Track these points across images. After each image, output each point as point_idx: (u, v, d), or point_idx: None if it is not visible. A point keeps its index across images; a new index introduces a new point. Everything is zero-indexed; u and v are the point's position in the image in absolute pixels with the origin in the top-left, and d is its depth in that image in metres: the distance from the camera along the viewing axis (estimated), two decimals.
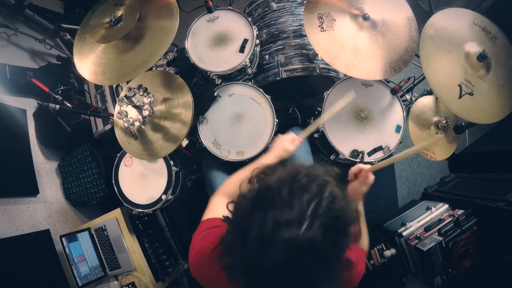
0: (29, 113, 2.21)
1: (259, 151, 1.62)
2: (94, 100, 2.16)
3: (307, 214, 0.62)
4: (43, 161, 2.22)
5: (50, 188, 2.19)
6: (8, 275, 1.68)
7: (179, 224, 2.40)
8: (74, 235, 1.91)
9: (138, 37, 1.44)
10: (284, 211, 0.62)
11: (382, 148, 1.61)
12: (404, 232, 1.85)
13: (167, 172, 1.74)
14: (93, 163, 2.18)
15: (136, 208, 1.77)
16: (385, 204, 2.41)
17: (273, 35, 1.79)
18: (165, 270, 2.03)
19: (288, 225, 0.61)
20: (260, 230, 0.62)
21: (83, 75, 1.48)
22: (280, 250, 0.60)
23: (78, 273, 1.82)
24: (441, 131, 1.64)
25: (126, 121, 1.47)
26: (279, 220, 0.61)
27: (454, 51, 1.41)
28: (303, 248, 0.60)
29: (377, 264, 1.84)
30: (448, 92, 1.37)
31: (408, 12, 1.52)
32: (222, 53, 1.70)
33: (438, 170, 2.53)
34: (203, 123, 1.68)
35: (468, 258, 1.70)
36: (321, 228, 0.61)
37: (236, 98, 1.69)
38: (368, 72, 1.44)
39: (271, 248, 0.61)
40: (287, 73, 1.75)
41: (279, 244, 0.60)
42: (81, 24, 1.60)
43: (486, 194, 1.84)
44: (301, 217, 0.61)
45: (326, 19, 1.47)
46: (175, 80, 1.55)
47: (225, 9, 1.75)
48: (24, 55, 2.31)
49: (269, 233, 0.61)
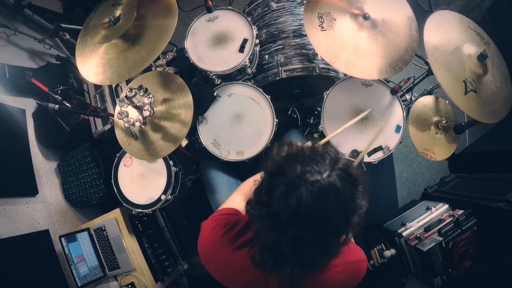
0: (28, 113, 2.20)
1: (259, 151, 1.62)
2: (94, 100, 2.15)
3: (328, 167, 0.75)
4: (42, 161, 2.21)
5: (50, 188, 2.19)
6: (7, 276, 1.67)
7: (178, 224, 2.40)
8: (73, 235, 1.90)
9: (137, 36, 1.44)
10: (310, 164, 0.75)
11: (382, 148, 1.60)
12: (404, 232, 1.85)
13: (167, 172, 1.73)
14: (93, 163, 2.18)
15: (135, 208, 1.76)
16: (385, 204, 2.41)
17: (272, 35, 1.79)
18: (165, 270, 2.02)
19: (313, 172, 0.73)
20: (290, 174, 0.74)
21: (86, 77, 1.49)
22: (305, 191, 0.71)
23: (78, 273, 1.81)
24: (441, 131, 1.64)
25: (126, 121, 1.47)
26: (306, 169, 0.74)
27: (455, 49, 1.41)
28: (325, 191, 0.71)
29: (377, 264, 1.84)
30: (454, 88, 1.37)
31: (408, 12, 1.52)
32: (221, 53, 1.70)
33: (438, 170, 2.53)
34: (203, 123, 1.68)
35: (468, 258, 1.70)
36: (339, 178, 0.74)
37: (235, 98, 1.69)
38: (368, 72, 1.44)
39: (297, 189, 0.71)
40: (286, 73, 1.74)
41: (304, 186, 0.71)
42: (83, 26, 1.60)
43: (486, 194, 1.84)
44: (324, 168, 0.74)
45: (326, 18, 1.47)
46: (176, 81, 1.55)
47: (225, 8, 1.75)
48: (23, 55, 2.30)
49: (297, 177, 0.73)
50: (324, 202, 0.71)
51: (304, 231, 0.72)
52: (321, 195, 0.71)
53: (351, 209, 0.76)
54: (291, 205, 0.71)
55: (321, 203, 0.71)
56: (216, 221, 0.95)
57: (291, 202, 0.71)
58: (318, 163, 0.75)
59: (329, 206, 0.72)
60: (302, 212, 0.70)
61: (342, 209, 0.74)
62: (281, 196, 0.73)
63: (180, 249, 2.27)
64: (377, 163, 1.64)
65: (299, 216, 0.71)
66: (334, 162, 0.77)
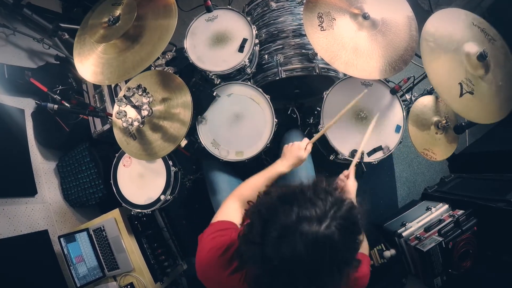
0: (27, 113, 2.20)
1: (258, 151, 1.61)
2: (93, 100, 2.15)
3: (328, 214, 0.69)
4: (41, 161, 2.21)
5: (49, 188, 2.18)
6: (6, 276, 1.67)
7: (178, 225, 2.39)
8: (72, 236, 1.90)
9: (137, 36, 1.44)
10: (308, 208, 0.69)
11: (382, 148, 1.60)
12: (404, 232, 1.84)
13: (166, 172, 1.73)
14: (92, 163, 2.17)
15: (134, 208, 1.76)
16: (385, 205, 2.41)
17: (272, 35, 1.78)
18: (164, 270, 2.02)
19: (310, 221, 0.67)
20: (284, 220, 0.69)
21: (84, 77, 1.48)
22: (299, 241, 0.66)
23: (77, 273, 1.81)
24: (441, 131, 1.63)
25: (125, 121, 1.46)
26: (303, 215, 0.68)
27: (454, 50, 1.41)
28: (321, 244, 0.66)
29: (377, 265, 1.83)
30: (449, 90, 1.36)
31: (408, 11, 1.52)
32: (221, 52, 1.69)
33: (438, 170, 2.53)
34: (202, 123, 1.68)
35: (468, 259, 1.69)
36: (339, 229, 0.68)
37: (235, 98, 1.68)
38: (368, 72, 1.43)
39: (291, 238, 0.67)
40: (286, 73, 1.74)
41: (299, 236, 0.66)
42: (81, 26, 1.59)
43: (486, 194, 1.83)
44: (323, 216, 0.68)
45: (326, 18, 1.47)
46: (174, 80, 1.54)
47: (224, 8, 1.75)
48: (22, 55, 2.30)
49: (292, 224, 0.68)
50: (319, 254, 0.67)
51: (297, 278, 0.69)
52: (315, 249, 0.67)
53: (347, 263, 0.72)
54: (284, 254, 0.67)
55: (316, 255, 0.67)
56: (212, 240, 0.92)
57: (284, 251, 0.67)
58: (317, 208, 0.69)
59: (324, 260, 0.68)
60: (295, 262, 0.67)
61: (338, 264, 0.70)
62: (274, 242, 0.69)
63: (180, 249, 2.27)
64: (377, 163, 1.63)
65: (291, 265, 0.68)
66: (337, 208, 0.71)
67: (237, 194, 1.14)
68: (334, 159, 1.68)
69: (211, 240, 0.93)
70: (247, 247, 0.76)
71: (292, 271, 0.68)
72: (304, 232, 0.66)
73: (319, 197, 0.72)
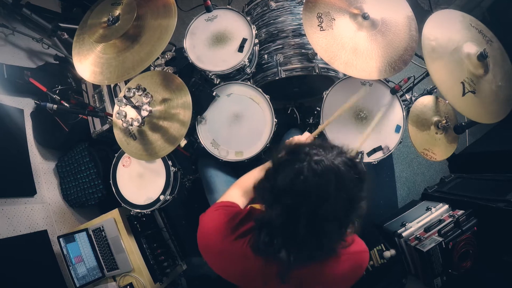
0: (27, 113, 2.19)
1: (258, 151, 1.61)
2: (92, 100, 2.14)
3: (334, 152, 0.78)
4: (40, 161, 2.21)
5: (48, 188, 2.18)
6: (5, 276, 1.66)
7: (177, 225, 2.39)
8: (71, 236, 1.89)
9: (136, 35, 1.44)
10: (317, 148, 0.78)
11: (382, 148, 1.60)
12: (404, 232, 1.84)
13: (165, 172, 1.73)
14: (91, 163, 2.17)
15: (134, 208, 1.76)
16: (385, 205, 2.41)
17: (272, 35, 1.78)
18: (163, 271, 2.01)
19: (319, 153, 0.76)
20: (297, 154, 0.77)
21: (83, 76, 1.47)
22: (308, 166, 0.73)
23: (76, 274, 1.80)
24: (441, 131, 1.63)
25: (125, 121, 1.46)
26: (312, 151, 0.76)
27: (455, 49, 1.41)
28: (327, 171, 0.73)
29: (376, 265, 1.83)
30: (451, 89, 1.37)
31: (408, 11, 1.51)
32: (220, 52, 1.69)
33: (438, 170, 2.52)
34: (202, 123, 1.67)
35: (468, 259, 1.69)
36: (344, 164, 0.75)
37: (234, 97, 1.68)
38: (367, 72, 1.43)
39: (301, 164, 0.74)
40: (286, 73, 1.74)
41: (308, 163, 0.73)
42: (79, 25, 1.59)
43: (486, 194, 1.83)
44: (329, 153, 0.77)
45: (326, 18, 1.46)
46: (174, 81, 1.54)
47: (224, 8, 1.74)
48: (21, 55, 2.29)
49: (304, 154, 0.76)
50: (323, 179, 0.72)
51: (300, 205, 0.73)
52: (322, 173, 0.72)
53: (351, 198, 0.76)
54: (290, 177, 0.73)
55: (321, 180, 0.72)
56: (218, 210, 0.96)
57: (291, 174, 0.73)
58: (326, 149, 0.78)
59: (329, 185, 0.72)
60: (300, 184, 0.72)
61: (342, 194, 0.74)
62: (284, 169, 0.76)
63: (179, 250, 2.26)
64: (377, 163, 1.63)
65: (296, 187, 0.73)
66: (342, 152, 0.79)
67: (239, 183, 1.15)
68: None
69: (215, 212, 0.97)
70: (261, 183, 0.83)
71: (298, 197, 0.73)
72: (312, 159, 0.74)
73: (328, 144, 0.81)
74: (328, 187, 0.72)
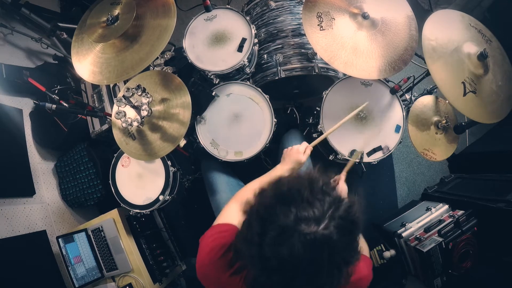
0: (26, 112, 2.19)
1: (257, 151, 1.61)
2: (91, 100, 2.14)
3: (327, 214, 0.69)
4: (39, 161, 2.20)
5: (47, 188, 2.18)
6: (4, 277, 1.66)
7: (176, 225, 2.39)
8: (70, 236, 1.89)
9: (136, 35, 1.43)
10: (306, 209, 0.69)
11: (382, 148, 1.60)
12: (403, 233, 1.83)
13: (165, 172, 1.72)
14: (90, 163, 2.17)
15: (133, 208, 1.75)
16: (385, 205, 2.40)
17: (271, 34, 1.78)
18: (163, 271, 2.01)
19: (308, 221, 0.67)
20: (282, 221, 0.68)
21: (82, 76, 1.47)
22: (298, 242, 0.66)
23: (75, 274, 1.80)
24: (441, 131, 1.63)
25: (124, 121, 1.46)
26: (301, 216, 0.68)
27: (455, 49, 1.40)
28: (319, 245, 0.66)
29: (376, 265, 1.83)
30: (452, 89, 1.36)
31: (408, 11, 1.51)
32: (220, 52, 1.68)
33: (438, 171, 2.52)
34: (201, 123, 1.67)
35: (468, 259, 1.69)
36: (337, 229, 0.68)
37: (234, 97, 1.68)
38: (367, 72, 1.42)
39: (289, 239, 0.66)
40: (285, 73, 1.73)
41: (297, 237, 0.66)
42: (78, 24, 1.58)
43: (486, 194, 1.82)
44: (321, 216, 0.68)
45: (325, 18, 1.46)
46: (174, 80, 1.54)
47: (223, 7, 1.74)
48: (20, 54, 2.29)
49: (291, 225, 0.67)
50: (317, 254, 0.67)
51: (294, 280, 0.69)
52: (314, 249, 0.66)
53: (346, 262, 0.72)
54: (282, 254, 0.67)
55: (314, 255, 0.67)
56: (214, 241, 0.93)
57: (282, 251, 0.67)
58: (316, 208, 0.69)
59: (322, 260, 0.67)
60: (293, 262, 0.67)
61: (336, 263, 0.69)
62: (272, 242, 0.68)
63: (179, 250, 2.26)
64: (377, 163, 1.63)
65: (289, 265, 0.67)
66: (335, 208, 0.70)
67: (238, 198, 1.13)
68: (334, 159, 1.68)
69: (211, 241, 0.94)
70: (245, 247, 0.75)
71: (291, 272, 0.68)
72: (302, 233, 0.66)
73: (317, 198, 0.71)
74: (322, 261, 0.67)
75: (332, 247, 0.67)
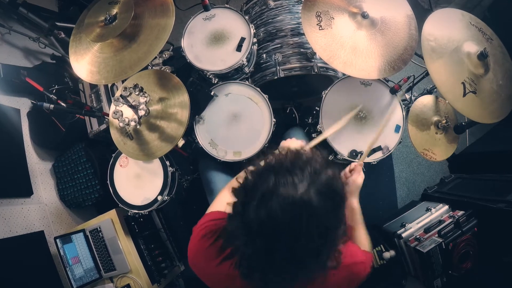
0: (23, 112, 2.18)
1: (257, 151, 1.60)
2: (89, 100, 2.13)
3: (306, 181, 0.70)
4: (37, 161, 2.19)
5: (44, 189, 2.17)
6: (2, 277, 1.65)
7: (175, 226, 2.38)
8: (68, 237, 1.88)
9: (134, 35, 1.42)
10: (285, 175, 0.70)
11: (381, 148, 1.59)
12: (403, 233, 1.83)
13: (163, 172, 1.72)
14: (88, 164, 2.16)
15: (131, 209, 1.75)
16: (385, 205, 2.40)
17: (270, 34, 1.77)
18: (161, 272, 2.00)
19: (286, 185, 0.69)
20: (263, 187, 0.70)
21: (80, 75, 1.46)
22: (276, 204, 0.67)
23: (73, 275, 1.79)
24: (441, 131, 1.62)
25: (121, 121, 1.45)
26: (280, 181, 0.70)
27: (455, 49, 1.39)
28: (298, 207, 0.67)
29: (376, 266, 1.82)
30: (452, 90, 1.35)
31: (408, 10, 1.50)
32: (218, 51, 1.67)
33: (438, 171, 2.51)
34: (200, 123, 1.66)
35: (468, 260, 1.68)
36: (318, 195, 0.69)
37: (233, 97, 1.67)
38: (367, 71, 1.42)
39: (268, 202, 0.68)
40: (284, 72, 1.72)
41: (276, 199, 0.68)
42: (76, 24, 1.57)
43: (486, 195, 1.82)
44: (300, 182, 0.69)
45: (324, 17, 1.45)
46: (172, 80, 1.53)
47: (222, 7, 1.73)
48: (18, 54, 2.28)
49: (270, 190, 0.69)
50: (295, 217, 0.67)
51: (274, 244, 0.70)
52: (292, 211, 0.67)
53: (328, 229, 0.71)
54: (262, 217, 0.68)
55: (292, 219, 0.68)
56: (205, 229, 0.94)
57: (261, 214, 0.68)
58: (296, 175, 0.70)
59: (301, 223, 0.67)
60: (272, 225, 0.68)
61: (316, 228, 0.69)
62: (253, 208, 0.70)
63: (177, 251, 2.25)
64: (376, 163, 1.62)
65: (269, 228, 0.69)
66: (316, 175, 0.71)
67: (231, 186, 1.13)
68: (333, 159, 1.67)
69: (202, 229, 0.95)
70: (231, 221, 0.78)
71: (271, 236, 0.69)
72: (281, 196, 0.68)
73: (298, 167, 0.72)
74: (300, 226, 0.68)
75: (310, 212, 0.68)
